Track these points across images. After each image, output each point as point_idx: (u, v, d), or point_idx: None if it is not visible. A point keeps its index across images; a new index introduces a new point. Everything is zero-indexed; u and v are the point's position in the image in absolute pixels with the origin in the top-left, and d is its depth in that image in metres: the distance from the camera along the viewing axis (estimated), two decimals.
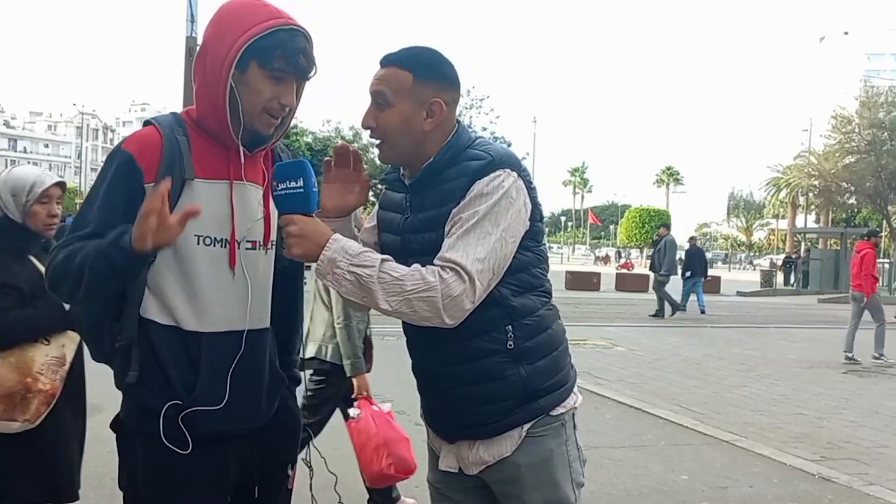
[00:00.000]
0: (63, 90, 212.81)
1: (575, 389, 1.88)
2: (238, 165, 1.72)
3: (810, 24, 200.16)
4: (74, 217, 1.71)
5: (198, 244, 1.68)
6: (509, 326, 1.75)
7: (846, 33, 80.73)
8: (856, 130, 35.34)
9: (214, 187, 1.69)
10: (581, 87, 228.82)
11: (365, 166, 1.85)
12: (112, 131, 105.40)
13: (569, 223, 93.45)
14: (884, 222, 36.59)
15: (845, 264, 28.03)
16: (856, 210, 45.56)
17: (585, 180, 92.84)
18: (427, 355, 1.84)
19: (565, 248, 70.76)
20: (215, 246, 1.69)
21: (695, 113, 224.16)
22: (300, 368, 3.62)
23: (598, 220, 79.75)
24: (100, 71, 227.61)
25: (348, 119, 34.91)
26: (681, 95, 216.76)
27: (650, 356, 9.87)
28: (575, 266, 36.42)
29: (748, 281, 32.19)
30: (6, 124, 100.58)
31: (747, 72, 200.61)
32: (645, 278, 17.98)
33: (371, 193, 2.06)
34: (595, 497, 4.24)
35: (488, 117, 32.37)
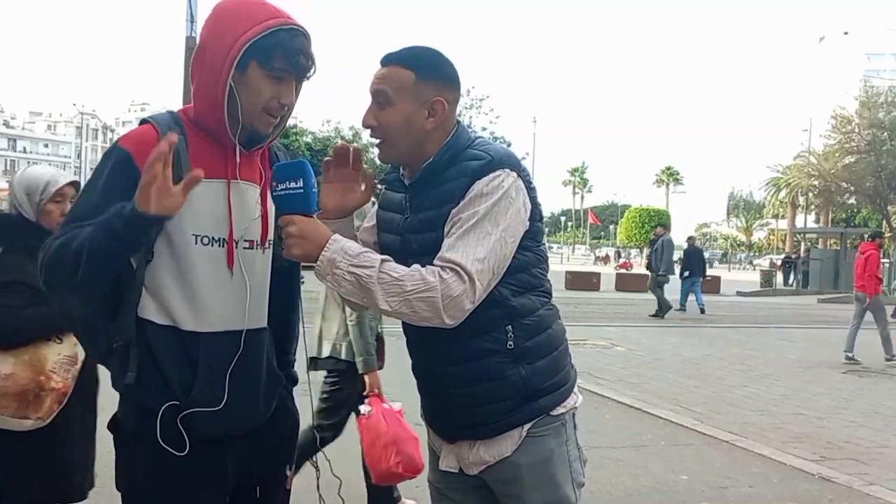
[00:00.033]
0: (63, 90, 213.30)
1: (575, 389, 1.88)
2: (235, 164, 1.71)
3: (810, 24, 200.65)
4: (69, 212, 1.68)
5: (195, 244, 1.66)
6: (509, 326, 1.74)
7: (846, 33, 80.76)
8: (856, 130, 35.35)
9: (212, 186, 1.68)
10: (581, 87, 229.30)
11: (365, 165, 1.84)
12: (112, 131, 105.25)
13: (569, 223, 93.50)
14: (884, 222, 36.58)
15: (845, 264, 28.07)
16: (856, 210, 45.57)
17: (585, 180, 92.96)
18: (427, 355, 1.84)
19: (565, 248, 70.76)
20: (213, 245, 1.68)
21: (695, 113, 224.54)
22: (314, 368, 3.65)
23: (598, 220, 79.80)
24: (100, 71, 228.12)
25: (348, 119, 35.03)
26: (681, 95, 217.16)
27: (650, 356, 9.87)
28: (575, 266, 36.45)
29: (748, 281, 32.19)
30: (6, 124, 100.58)
31: (747, 72, 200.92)
32: (645, 278, 17.98)
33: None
34: (595, 497, 4.24)
35: (488, 117, 32.47)
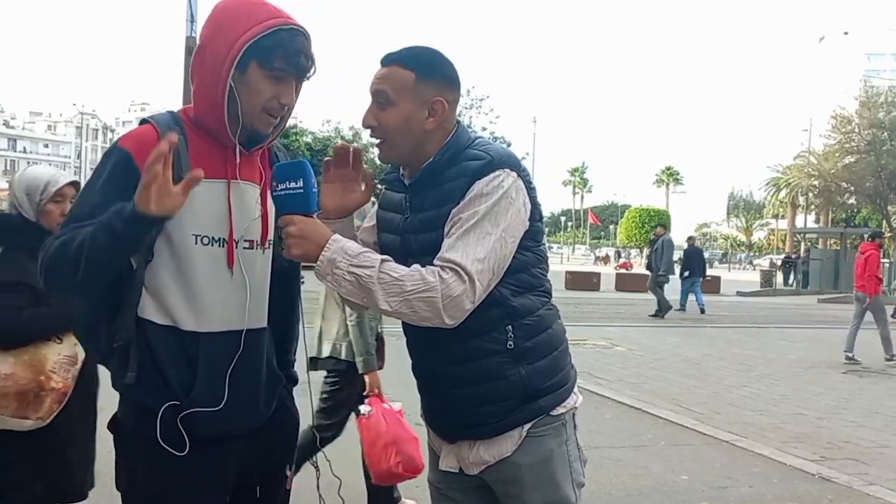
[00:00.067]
0: (63, 90, 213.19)
1: (575, 389, 1.88)
2: (234, 164, 1.70)
3: (810, 24, 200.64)
4: (69, 212, 1.67)
5: (195, 244, 1.66)
6: (509, 326, 1.74)
7: (846, 33, 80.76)
8: (856, 130, 35.37)
9: (212, 186, 1.67)
10: (581, 87, 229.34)
11: (365, 165, 1.84)
12: (112, 131, 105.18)
13: (569, 223, 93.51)
14: (884, 222, 36.59)
15: (845, 264, 28.06)
16: (856, 210, 45.58)
17: (585, 180, 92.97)
18: (427, 355, 1.84)
19: (565, 248, 70.74)
20: (213, 245, 1.68)
21: (695, 113, 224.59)
22: (314, 368, 3.65)
23: (598, 220, 79.80)
24: (100, 71, 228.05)
25: (348, 119, 35.05)
26: (681, 95, 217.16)
27: (650, 356, 9.87)
28: (575, 266, 36.45)
29: (748, 281, 32.19)
30: (6, 124, 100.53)
31: (747, 72, 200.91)
32: (645, 278, 18.01)
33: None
34: (595, 497, 4.24)
35: (488, 117, 32.48)
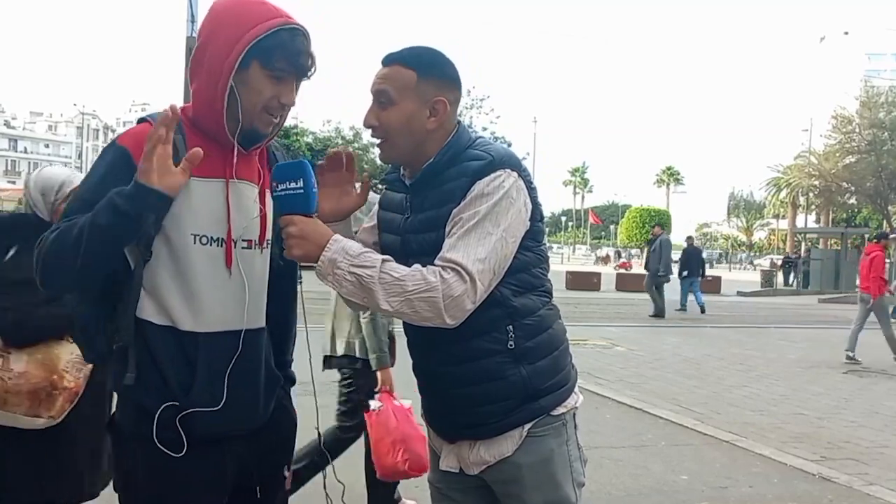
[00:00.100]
0: (63, 90, 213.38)
1: (576, 389, 1.88)
2: (234, 164, 1.70)
3: (810, 24, 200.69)
4: (65, 208, 1.67)
5: (194, 243, 1.66)
6: (510, 326, 1.75)
7: (846, 33, 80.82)
8: (856, 130, 35.39)
9: (210, 186, 1.67)
10: (581, 87, 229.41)
11: (365, 166, 1.84)
12: (112, 131, 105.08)
13: (569, 223, 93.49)
14: (884, 222, 36.58)
15: (846, 264, 28.09)
16: (856, 210, 45.59)
17: (586, 180, 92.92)
18: (427, 355, 1.84)
19: (565, 248, 70.70)
20: (212, 245, 1.67)
21: (695, 113, 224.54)
22: (329, 367, 3.66)
23: (599, 220, 79.78)
24: (100, 71, 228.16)
25: (348, 119, 35.02)
26: (681, 95, 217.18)
27: (650, 356, 9.87)
28: (575, 266, 36.44)
29: (748, 281, 32.19)
30: (6, 124, 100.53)
31: (747, 72, 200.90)
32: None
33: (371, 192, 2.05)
34: (595, 497, 4.24)
35: (488, 117, 32.53)
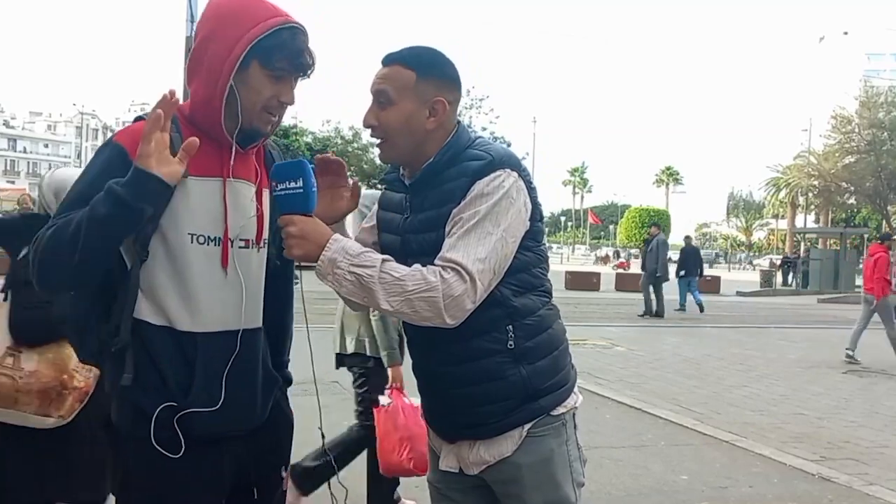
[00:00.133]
0: (63, 90, 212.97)
1: (575, 389, 1.88)
2: (231, 163, 1.69)
3: (810, 24, 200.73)
4: (59, 205, 1.63)
5: (191, 243, 1.65)
6: (510, 326, 1.75)
7: (846, 33, 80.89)
8: (855, 130, 35.45)
9: (207, 185, 1.67)
10: (581, 87, 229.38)
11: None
12: (111, 131, 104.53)
13: (569, 223, 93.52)
14: (883, 222, 36.61)
15: (845, 264, 28.12)
16: (855, 210, 45.65)
17: (585, 180, 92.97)
18: (427, 355, 1.84)
19: (565, 248, 70.71)
20: (209, 245, 1.67)
21: (695, 113, 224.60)
22: (341, 365, 3.67)
23: (598, 220, 79.78)
24: (100, 71, 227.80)
25: (348, 119, 34.97)
26: (681, 95, 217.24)
27: (650, 356, 9.87)
28: (575, 266, 36.44)
29: (748, 281, 32.18)
30: (6, 124, 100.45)
31: (747, 72, 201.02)
32: None
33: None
34: (595, 497, 4.24)
35: (488, 117, 32.49)
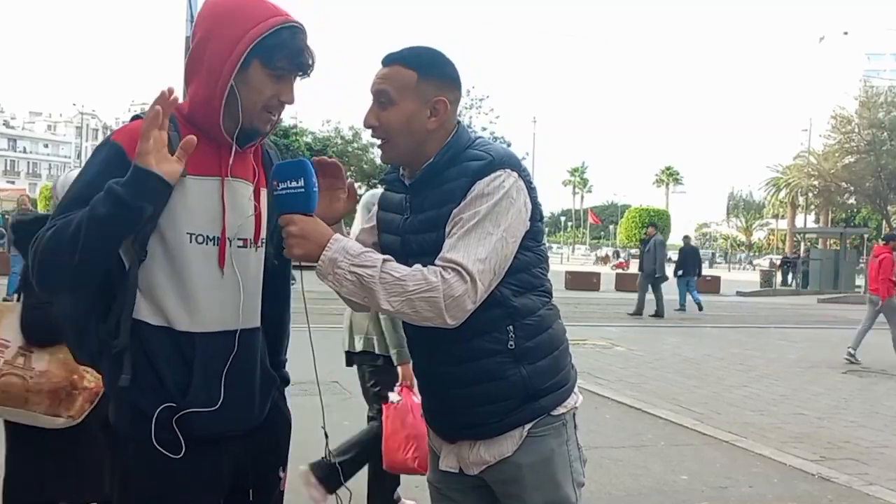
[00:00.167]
0: (63, 90, 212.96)
1: (575, 389, 1.88)
2: (229, 162, 1.69)
3: (810, 24, 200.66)
4: (58, 205, 1.62)
5: (190, 242, 1.64)
6: (510, 326, 1.75)
7: (846, 33, 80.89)
8: (855, 130, 35.46)
9: (205, 184, 1.66)
10: (581, 87, 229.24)
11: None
12: (111, 131, 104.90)
13: (568, 223, 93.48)
14: (883, 222, 36.62)
15: (845, 264, 28.12)
16: (855, 210, 45.65)
17: (585, 180, 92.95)
18: (428, 355, 1.84)
19: (565, 248, 70.68)
20: (207, 244, 1.66)
21: (695, 113, 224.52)
22: (350, 363, 3.66)
23: (598, 220, 79.73)
24: (100, 71, 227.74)
25: (348, 119, 34.94)
26: (681, 95, 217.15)
27: (650, 356, 9.87)
28: (575, 266, 36.43)
29: (747, 281, 32.17)
30: (6, 124, 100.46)
31: (747, 72, 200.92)
32: None
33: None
34: (595, 497, 4.24)
35: (488, 117, 32.47)
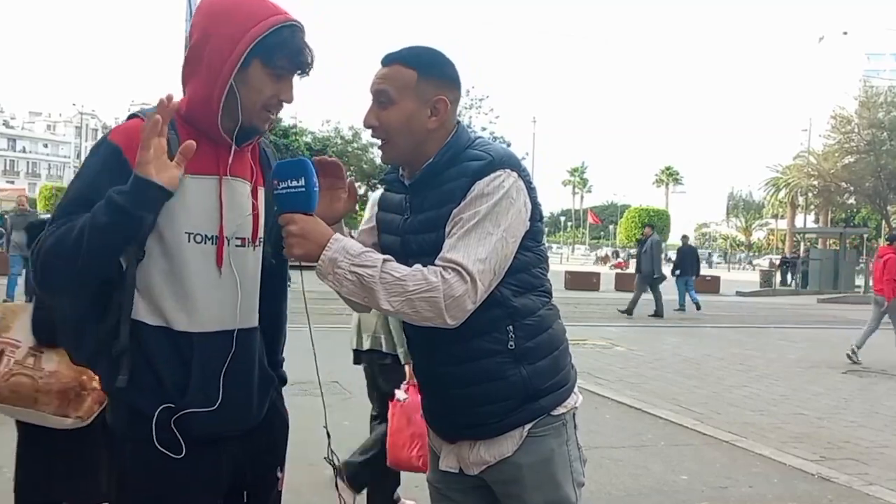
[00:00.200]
0: (62, 90, 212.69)
1: (575, 389, 1.88)
2: (227, 160, 1.69)
3: (810, 24, 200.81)
4: (57, 206, 1.62)
5: (188, 242, 1.64)
6: (510, 327, 1.75)
7: (846, 33, 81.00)
8: (855, 130, 35.46)
9: (203, 183, 1.66)
10: (581, 87, 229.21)
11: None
12: (109, 130, 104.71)
13: (568, 223, 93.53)
14: (883, 222, 36.62)
15: (844, 264, 28.13)
16: (855, 210, 45.66)
17: (585, 180, 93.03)
18: (428, 355, 1.84)
19: (564, 249, 70.68)
20: (205, 243, 1.66)
21: (695, 113, 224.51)
22: (358, 361, 3.65)
23: (598, 220, 79.73)
24: (99, 71, 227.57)
25: (348, 119, 34.94)
26: (680, 95, 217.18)
27: (650, 356, 9.87)
28: (574, 266, 36.43)
29: (747, 281, 32.18)
30: (5, 124, 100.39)
31: (747, 72, 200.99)
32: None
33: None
34: (595, 497, 4.24)
35: (488, 117, 32.46)
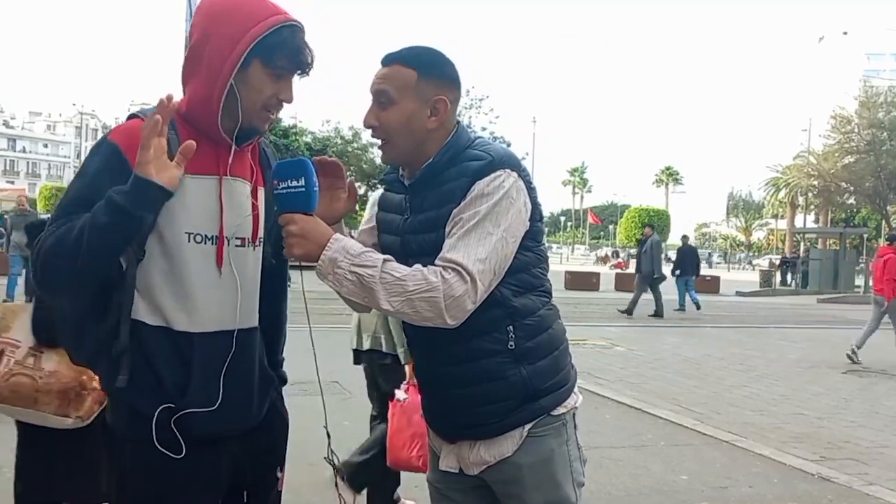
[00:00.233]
0: (62, 90, 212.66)
1: (575, 389, 1.88)
2: (227, 160, 1.69)
3: (810, 24, 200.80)
4: (57, 206, 1.62)
5: (188, 242, 1.64)
6: (510, 327, 1.75)
7: (846, 33, 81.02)
8: (855, 130, 35.47)
9: (203, 183, 1.66)
10: (581, 87, 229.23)
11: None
12: (109, 130, 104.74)
13: (568, 223, 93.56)
14: (883, 222, 36.63)
15: (844, 264, 28.14)
16: (855, 210, 45.67)
17: (585, 180, 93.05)
18: (428, 355, 1.84)
19: (564, 248, 70.68)
20: (205, 243, 1.66)
21: (695, 113, 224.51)
22: (358, 361, 3.65)
23: (598, 220, 79.72)
24: (99, 71, 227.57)
25: (348, 119, 34.94)
26: (680, 95, 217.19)
27: (650, 356, 9.87)
28: (574, 266, 36.43)
29: (747, 281, 32.18)
30: (5, 124, 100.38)
31: (747, 72, 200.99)
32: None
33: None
34: (595, 497, 4.24)
35: (488, 117, 32.47)
